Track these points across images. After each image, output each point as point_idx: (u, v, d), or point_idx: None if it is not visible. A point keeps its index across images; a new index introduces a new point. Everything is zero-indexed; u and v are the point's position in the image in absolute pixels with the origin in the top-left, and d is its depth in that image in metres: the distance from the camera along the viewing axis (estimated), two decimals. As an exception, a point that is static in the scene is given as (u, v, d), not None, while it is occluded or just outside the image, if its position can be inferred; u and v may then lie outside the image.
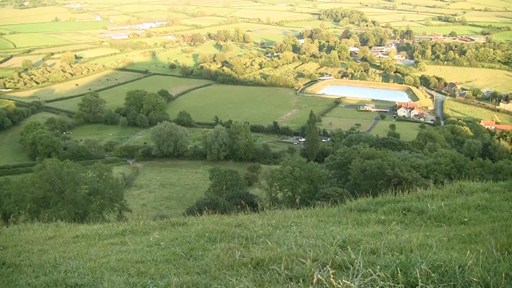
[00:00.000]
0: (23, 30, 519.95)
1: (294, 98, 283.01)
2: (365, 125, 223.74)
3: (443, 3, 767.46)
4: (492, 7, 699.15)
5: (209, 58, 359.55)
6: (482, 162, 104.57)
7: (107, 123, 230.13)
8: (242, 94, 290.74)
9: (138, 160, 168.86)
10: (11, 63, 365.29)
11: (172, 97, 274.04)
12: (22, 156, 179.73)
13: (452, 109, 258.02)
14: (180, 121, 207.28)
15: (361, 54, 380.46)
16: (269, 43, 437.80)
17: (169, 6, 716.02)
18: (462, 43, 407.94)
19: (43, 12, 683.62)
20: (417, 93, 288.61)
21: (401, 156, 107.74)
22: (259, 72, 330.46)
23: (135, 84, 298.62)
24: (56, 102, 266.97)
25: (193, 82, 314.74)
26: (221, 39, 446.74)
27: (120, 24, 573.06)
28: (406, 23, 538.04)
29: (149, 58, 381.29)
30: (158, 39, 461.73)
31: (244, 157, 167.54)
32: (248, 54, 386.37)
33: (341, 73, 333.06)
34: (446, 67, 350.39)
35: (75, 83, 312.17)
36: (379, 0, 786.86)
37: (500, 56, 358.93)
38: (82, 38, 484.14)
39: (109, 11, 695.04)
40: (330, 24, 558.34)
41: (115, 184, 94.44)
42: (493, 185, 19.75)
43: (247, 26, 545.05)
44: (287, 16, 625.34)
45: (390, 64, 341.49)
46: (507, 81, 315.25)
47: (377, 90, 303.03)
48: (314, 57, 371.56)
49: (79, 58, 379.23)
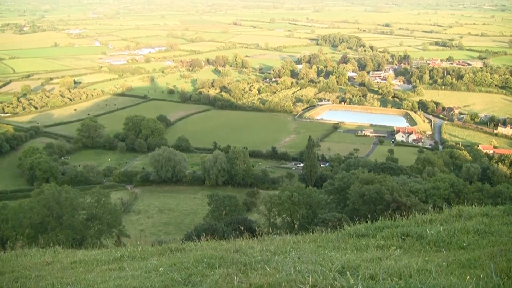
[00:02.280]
0: (22, 55, 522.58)
1: (292, 123, 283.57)
2: (363, 150, 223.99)
3: (440, 28, 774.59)
4: (488, 32, 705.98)
5: (208, 83, 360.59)
6: (481, 186, 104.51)
7: (106, 148, 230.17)
8: (241, 119, 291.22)
9: (136, 185, 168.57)
10: (10, 88, 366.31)
11: (170, 122, 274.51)
12: (20, 181, 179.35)
13: (450, 133, 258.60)
14: (179, 147, 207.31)
15: (359, 79, 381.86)
16: (267, 68, 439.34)
17: (168, 32, 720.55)
18: (459, 68, 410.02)
19: (43, 37, 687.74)
20: (415, 117, 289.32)
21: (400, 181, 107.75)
22: (257, 97, 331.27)
23: (133, 109, 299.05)
24: (55, 127, 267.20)
25: (192, 107, 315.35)
26: (219, 65, 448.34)
27: (119, 50, 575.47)
28: (404, 48, 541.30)
29: (148, 83, 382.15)
30: (157, 65, 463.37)
31: (242, 182, 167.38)
32: (246, 80, 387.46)
33: (339, 98, 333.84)
34: (443, 92, 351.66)
35: (73, 108, 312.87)
36: (377, 25, 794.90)
37: (497, 81, 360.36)
38: (81, 63, 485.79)
39: (108, 36, 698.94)
40: (328, 50, 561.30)
41: (113, 209, 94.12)
42: (492, 209, 19.73)
43: (246, 51, 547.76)
44: (285, 41, 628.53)
45: (388, 89, 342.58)
46: (504, 105, 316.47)
47: (376, 115, 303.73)
48: (312, 82, 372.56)
49: (78, 83, 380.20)
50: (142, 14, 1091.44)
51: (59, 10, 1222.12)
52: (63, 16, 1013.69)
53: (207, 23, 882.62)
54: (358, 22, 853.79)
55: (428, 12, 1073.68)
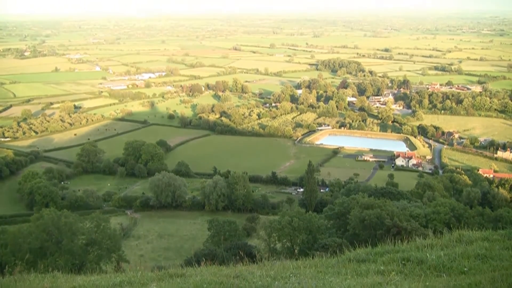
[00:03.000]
0: (23, 80, 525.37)
1: (292, 148, 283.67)
2: (363, 175, 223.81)
3: (439, 53, 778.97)
4: (487, 57, 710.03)
5: (208, 108, 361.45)
6: (482, 210, 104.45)
7: (106, 173, 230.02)
8: (241, 144, 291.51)
9: (136, 210, 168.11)
10: (10, 113, 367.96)
11: (170, 147, 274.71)
12: (20, 205, 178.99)
13: (450, 158, 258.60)
14: (179, 172, 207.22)
15: (358, 104, 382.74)
16: (267, 93, 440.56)
17: (168, 57, 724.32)
18: (458, 92, 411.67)
19: (43, 62, 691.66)
20: (415, 142, 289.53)
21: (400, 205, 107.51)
22: (257, 122, 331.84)
23: (133, 134, 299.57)
24: (55, 152, 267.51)
25: (192, 132, 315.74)
26: (219, 90, 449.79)
27: (119, 75, 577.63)
28: (403, 73, 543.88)
29: (148, 108, 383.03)
30: (157, 90, 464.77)
31: (242, 207, 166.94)
32: (246, 105, 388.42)
33: (339, 123, 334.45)
34: (443, 116, 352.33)
35: (74, 132, 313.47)
36: (376, 50, 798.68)
37: (497, 105, 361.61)
38: (81, 88, 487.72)
39: (108, 61, 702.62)
40: (328, 75, 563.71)
41: (112, 234, 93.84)
42: (493, 234, 19.71)
43: (246, 76, 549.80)
44: (285, 66, 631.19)
45: (387, 113, 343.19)
46: (504, 130, 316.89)
47: (375, 139, 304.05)
48: (312, 107, 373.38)
49: (78, 108, 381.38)
50: (142, 40, 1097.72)
51: (60, 35, 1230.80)
52: (64, 41, 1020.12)
53: (207, 48, 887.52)
54: (358, 47, 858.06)
55: (427, 37, 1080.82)
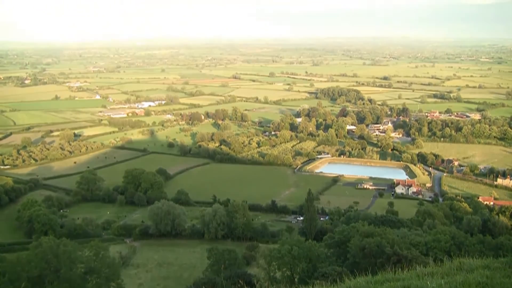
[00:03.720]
0: (23, 108, 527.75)
1: (292, 176, 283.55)
2: (363, 203, 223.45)
3: (438, 80, 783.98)
4: (486, 84, 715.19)
5: (207, 137, 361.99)
6: (482, 238, 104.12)
7: (105, 201, 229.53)
8: (240, 172, 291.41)
9: (135, 239, 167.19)
10: (10, 140, 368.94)
11: (170, 176, 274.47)
12: (19, 233, 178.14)
13: (450, 185, 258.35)
14: (178, 200, 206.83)
15: (358, 132, 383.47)
16: (267, 121, 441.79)
17: (168, 85, 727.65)
18: (458, 120, 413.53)
19: (44, 90, 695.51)
20: (415, 170, 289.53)
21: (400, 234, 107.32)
22: (257, 151, 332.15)
23: (133, 163, 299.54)
24: (54, 180, 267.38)
25: (191, 160, 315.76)
26: (219, 118, 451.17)
27: (119, 103, 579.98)
28: (402, 101, 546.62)
29: (148, 137, 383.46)
30: (156, 118, 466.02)
31: (242, 236, 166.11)
32: (246, 133, 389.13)
33: (339, 151, 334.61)
34: (443, 144, 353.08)
35: (73, 160, 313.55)
36: (375, 78, 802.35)
37: (496, 132, 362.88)
38: (81, 116, 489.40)
39: (108, 89, 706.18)
40: (327, 103, 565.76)
41: (111, 263, 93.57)
42: (494, 262, 19.66)
43: (245, 105, 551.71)
44: (285, 95, 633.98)
45: (387, 141, 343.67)
46: (504, 157, 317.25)
47: (375, 168, 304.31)
48: (311, 136, 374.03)
49: (78, 136, 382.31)
50: (142, 68, 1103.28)
51: (60, 63, 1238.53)
52: (64, 69, 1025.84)
53: (207, 77, 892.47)
54: (357, 76, 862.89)
55: (425, 65, 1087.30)
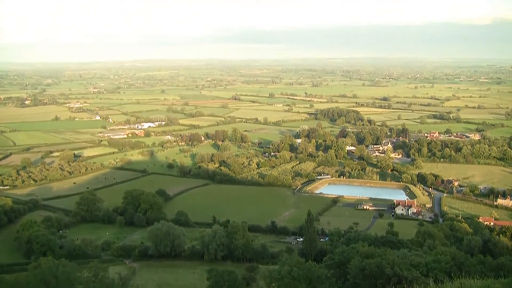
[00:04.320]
0: (23, 128, 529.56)
1: (291, 197, 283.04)
2: (363, 224, 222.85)
3: (438, 101, 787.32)
4: (485, 105, 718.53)
5: (207, 158, 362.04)
6: (483, 259, 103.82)
7: (104, 222, 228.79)
8: (240, 193, 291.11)
9: (135, 260, 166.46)
10: (10, 161, 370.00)
11: (170, 197, 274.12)
12: (17, 254, 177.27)
13: (450, 206, 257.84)
14: (178, 221, 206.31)
15: (358, 153, 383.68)
16: (266, 142, 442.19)
17: (168, 106, 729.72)
18: (457, 140, 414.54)
19: (44, 110, 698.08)
20: (415, 190, 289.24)
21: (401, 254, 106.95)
22: (256, 172, 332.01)
23: (133, 183, 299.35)
24: (54, 200, 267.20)
25: (191, 181, 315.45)
26: (219, 139, 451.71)
27: (119, 124, 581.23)
28: (402, 122, 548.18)
29: (147, 157, 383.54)
30: (156, 139, 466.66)
31: (242, 257, 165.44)
32: (245, 154, 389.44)
33: (339, 172, 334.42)
34: (442, 164, 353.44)
35: (73, 181, 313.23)
36: (375, 99, 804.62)
37: (496, 152, 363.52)
38: (81, 136, 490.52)
39: (108, 110, 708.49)
40: (327, 124, 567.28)
41: (111, 284, 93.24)
42: (494, 282, 19.63)
43: (245, 126, 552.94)
44: (284, 116, 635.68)
45: (387, 162, 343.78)
46: (503, 177, 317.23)
47: (375, 188, 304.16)
48: (311, 156, 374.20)
49: (78, 156, 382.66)
50: (142, 89, 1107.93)
51: (60, 84, 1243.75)
52: (65, 90, 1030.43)
53: (207, 98, 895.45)
54: (356, 97, 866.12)
55: (425, 85, 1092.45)
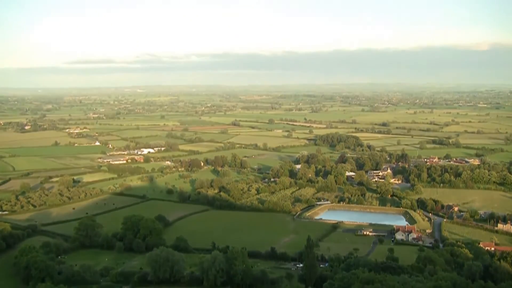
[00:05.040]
0: (23, 154, 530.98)
1: (291, 223, 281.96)
2: (363, 250, 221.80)
3: (437, 126, 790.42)
4: (484, 130, 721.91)
5: (207, 183, 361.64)
6: (484, 285, 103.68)
7: (103, 247, 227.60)
8: (240, 219, 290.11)
9: (134, 286, 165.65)
10: (9, 186, 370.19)
11: (169, 222, 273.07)
12: (16, 280, 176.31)
13: (450, 231, 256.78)
14: (177, 247, 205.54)
15: (357, 178, 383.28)
16: (266, 168, 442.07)
17: (167, 132, 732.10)
18: (457, 165, 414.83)
19: (43, 136, 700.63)
20: (415, 216, 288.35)
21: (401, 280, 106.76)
22: (256, 197, 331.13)
23: (132, 209, 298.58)
24: (53, 226, 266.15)
25: (191, 207, 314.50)
26: (218, 165, 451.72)
27: (119, 149, 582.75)
28: (401, 147, 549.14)
29: (147, 183, 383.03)
30: (156, 164, 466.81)
31: (241, 283, 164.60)
32: (245, 180, 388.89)
33: (338, 197, 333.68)
34: (442, 189, 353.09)
35: (72, 206, 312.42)
36: (374, 125, 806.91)
37: (496, 177, 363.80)
38: (80, 162, 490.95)
39: (108, 136, 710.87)
40: (326, 149, 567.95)
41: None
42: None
43: (244, 151, 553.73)
44: (284, 142, 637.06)
45: (386, 188, 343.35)
46: (504, 202, 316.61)
47: (375, 214, 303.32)
48: (311, 182, 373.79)
49: (77, 182, 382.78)
50: (142, 115, 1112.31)
51: (60, 109, 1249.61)
52: (65, 116, 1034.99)
53: (206, 123, 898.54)
54: (356, 122, 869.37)
55: (424, 111, 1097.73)
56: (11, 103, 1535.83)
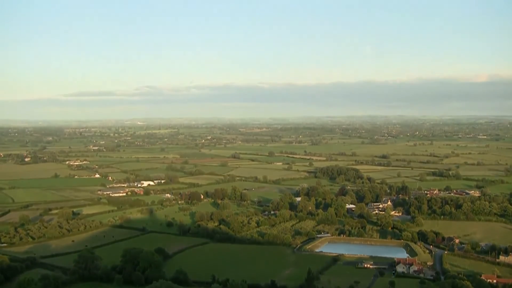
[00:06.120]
0: (22, 185, 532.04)
1: (291, 256, 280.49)
2: (364, 283, 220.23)
3: (437, 158, 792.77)
4: (484, 161, 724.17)
5: (207, 216, 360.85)
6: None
7: (103, 280, 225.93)
8: (240, 252, 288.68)
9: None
10: (8, 218, 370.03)
11: (169, 255, 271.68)
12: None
13: (451, 263, 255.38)
14: (177, 280, 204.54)
15: (357, 211, 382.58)
16: (266, 201, 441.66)
17: (167, 165, 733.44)
18: (457, 197, 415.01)
19: (43, 168, 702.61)
20: (416, 248, 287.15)
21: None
22: (256, 230, 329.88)
23: (132, 242, 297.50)
24: (52, 258, 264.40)
25: (191, 240, 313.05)
26: (218, 198, 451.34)
27: (119, 182, 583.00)
28: (401, 179, 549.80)
29: (147, 216, 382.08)
30: (156, 197, 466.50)
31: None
32: (245, 212, 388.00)
33: (339, 230, 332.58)
34: (443, 221, 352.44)
35: (71, 239, 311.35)
36: (374, 157, 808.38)
37: (496, 209, 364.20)
38: (80, 194, 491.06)
39: (108, 168, 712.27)
40: (326, 182, 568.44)
41: None
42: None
43: (244, 184, 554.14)
44: (284, 174, 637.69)
45: (387, 220, 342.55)
46: (505, 234, 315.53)
47: (375, 246, 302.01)
48: (311, 215, 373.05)
49: (77, 214, 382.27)
50: (142, 147, 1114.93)
51: (61, 141, 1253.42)
52: (65, 148, 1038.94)
53: (206, 156, 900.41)
54: (356, 155, 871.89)
55: (424, 143, 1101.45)
56: (11, 135, 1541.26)
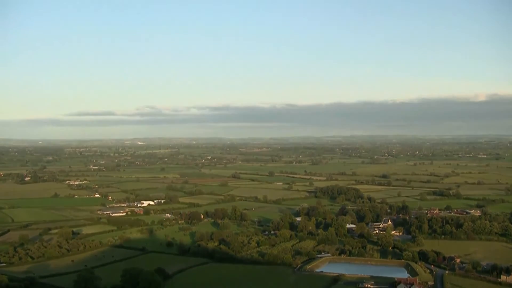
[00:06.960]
0: (22, 205, 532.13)
1: (292, 276, 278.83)
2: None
3: (437, 178, 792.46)
4: (484, 180, 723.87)
5: (207, 236, 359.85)
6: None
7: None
8: (240, 272, 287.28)
9: None
10: (8, 237, 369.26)
11: (169, 275, 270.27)
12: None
13: (452, 283, 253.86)
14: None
15: (358, 231, 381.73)
16: (266, 221, 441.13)
17: (168, 184, 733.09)
18: (458, 217, 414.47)
19: (43, 187, 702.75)
20: (416, 268, 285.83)
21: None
22: (256, 250, 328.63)
23: (131, 262, 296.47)
24: (51, 278, 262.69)
25: (191, 260, 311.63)
26: (218, 217, 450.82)
27: (119, 201, 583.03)
28: (402, 199, 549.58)
29: (147, 235, 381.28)
30: (156, 217, 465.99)
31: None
32: (245, 232, 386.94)
33: (339, 250, 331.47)
34: (443, 241, 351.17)
35: (71, 259, 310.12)
36: (374, 177, 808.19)
37: (497, 228, 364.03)
38: (80, 214, 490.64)
39: (108, 188, 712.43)
40: (327, 202, 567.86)
41: None
42: None
43: (245, 204, 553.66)
44: (284, 194, 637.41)
45: (387, 240, 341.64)
46: (506, 253, 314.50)
47: (376, 266, 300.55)
48: (311, 235, 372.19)
49: (77, 234, 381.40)
50: (142, 167, 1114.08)
51: (61, 161, 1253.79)
52: (65, 167, 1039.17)
53: (207, 176, 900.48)
54: (356, 174, 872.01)
55: (424, 162, 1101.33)
56: (11, 154, 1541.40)
